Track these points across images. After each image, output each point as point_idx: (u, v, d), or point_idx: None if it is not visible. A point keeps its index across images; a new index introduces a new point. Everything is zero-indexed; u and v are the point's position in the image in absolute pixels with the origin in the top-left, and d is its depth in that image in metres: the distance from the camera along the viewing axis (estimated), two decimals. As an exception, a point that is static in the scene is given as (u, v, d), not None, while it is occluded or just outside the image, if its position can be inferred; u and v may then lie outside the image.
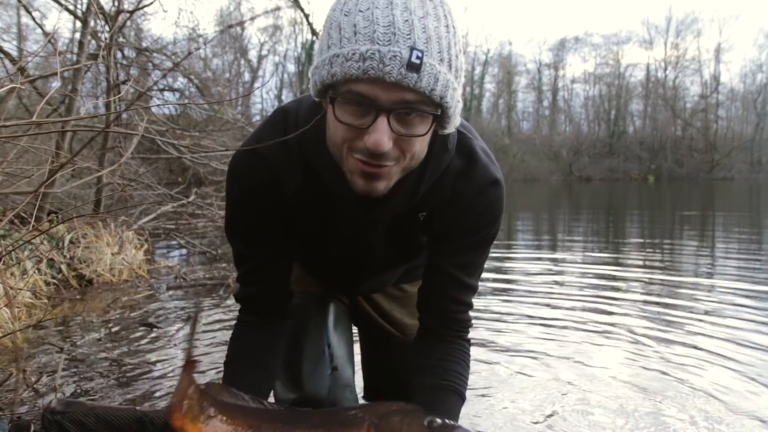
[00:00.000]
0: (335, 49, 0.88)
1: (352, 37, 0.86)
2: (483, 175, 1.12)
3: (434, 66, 0.86)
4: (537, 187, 28.92)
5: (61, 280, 3.61)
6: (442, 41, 0.88)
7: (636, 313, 3.10)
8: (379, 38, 0.84)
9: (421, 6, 0.87)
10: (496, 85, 47.70)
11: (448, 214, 1.14)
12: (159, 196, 5.06)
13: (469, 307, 1.23)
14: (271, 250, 1.17)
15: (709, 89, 46.98)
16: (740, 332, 2.70)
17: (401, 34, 0.84)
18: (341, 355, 1.39)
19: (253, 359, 1.19)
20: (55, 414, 1.28)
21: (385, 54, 0.84)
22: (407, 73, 0.84)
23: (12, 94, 2.01)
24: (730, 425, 1.70)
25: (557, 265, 4.84)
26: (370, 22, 0.85)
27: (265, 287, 1.20)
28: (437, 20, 0.88)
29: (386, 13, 0.85)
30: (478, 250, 1.19)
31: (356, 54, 0.85)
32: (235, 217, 1.16)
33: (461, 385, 1.18)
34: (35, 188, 1.68)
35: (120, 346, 2.51)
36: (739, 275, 4.22)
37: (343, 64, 0.86)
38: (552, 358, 2.32)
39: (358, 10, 0.87)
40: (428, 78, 0.86)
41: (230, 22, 17.31)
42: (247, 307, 1.23)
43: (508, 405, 1.86)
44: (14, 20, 9.99)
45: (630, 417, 1.76)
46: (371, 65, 0.84)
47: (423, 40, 0.85)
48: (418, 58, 0.84)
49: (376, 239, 1.21)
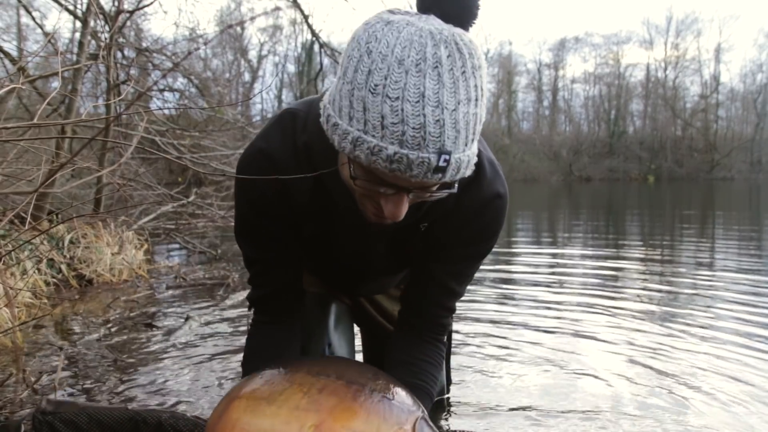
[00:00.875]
0: (358, 126, 0.83)
1: (379, 129, 0.81)
2: (487, 189, 1.11)
3: (459, 158, 0.84)
4: (537, 187, 28.92)
5: (61, 280, 3.61)
6: (470, 125, 0.84)
7: (635, 313, 3.10)
8: (408, 141, 0.80)
9: (453, 93, 0.81)
10: (496, 85, 47.69)
11: (449, 225, 1.13)
12: (159, 196, 5.06)
13: (452, 312, 1.25)
14: (280, 253, 1.17)
15: (709, 89, 47.01)
16: (740, 332, 2.70)
17: (431, 137, 0.80)
18: (342, 354, 1.41)
19: (269, 356, 1.19)
20: (46, 414, 1.28)
21: (413, 160, 0.82)
22: (433, 175, 0.83)
23: (12, 94, 2.01)
24: (730, 426, 1.70)
25: (557, 264, 4.84)
26: (400, 120, 0.80)
27: (277, 289, 1.21)
28: (468, 103, 0.83)
29: (417, 111, 0.79)
30: (473, 261, 1.20)
31: (383, 153, 0.82)
32: (244, 221, 1.15)
33: (433, 387, 1.21)
34: (35, 188, 1.68)
35: (120, 345, 2.51)
36: (739, 272, 4.22)
37: (368, 156, 0.83)
38: (551, 360, 2.32)
39: (386, 96, 0.80)
40: (452, 172, 0.85)
41: (230, 22, 17.31)
42: (260, 308, 1.24)
43: (505, 405, 1.86)
44: (14, 20, 9.99)
45: (629, 417, 1.76)
46: (398, 168, 0.82)
47: (452, 139, 0.82)
48: (446, 161, 0.82)
49: (377, 248, 1.21)
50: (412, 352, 1.21)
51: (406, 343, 1.23)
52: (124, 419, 1.31)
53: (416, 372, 1.19)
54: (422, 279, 1.22)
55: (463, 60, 0.82)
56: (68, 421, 1.28)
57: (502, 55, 47.41)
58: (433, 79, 0.80)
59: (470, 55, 0.83)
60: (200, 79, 8.79)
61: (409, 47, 0.80)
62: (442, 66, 0.80)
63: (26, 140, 2.56)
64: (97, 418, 1.30)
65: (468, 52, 0.83)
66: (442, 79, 0.80)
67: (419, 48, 0.80)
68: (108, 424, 1.30)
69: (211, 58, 24.22)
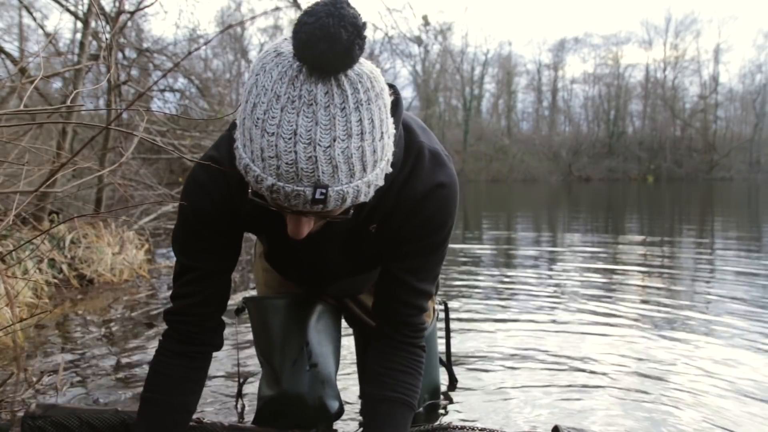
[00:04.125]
0: (248, 154, 0.87)
1: (260, 161, 0.85)
2: (426, 180, 1.10)
3: (341, 190, 0.86)
4: (536, 188, 28.92)
5: (62, 279, 3.62)
6: (353, 159, 0.85)
7: (636, 312, 3.11)
8: (282, 175, 0.84)
9: (329, 130, 0.82)
10: (496, 85, 47.68)
11: (395, 222, 1.14)
12: (160, 196, 5.07)
13: (421, 311, 1.23)
14: (216, 263, 1.18)
15: (708, 90, 46.98)
16: (740, 331, 2.71)
17: (304, 173, 0.83)
18: (322, 353, 1.40)
19: (172, 400, 1.18)
20: (36, 419, 1.27)
21: (289, 193, 0.85)
22: (312, 206, 0.86)
23: (13, 94, 2.02)
24: (729, 428, 1.71)
25: (557, 264, 4.85)
26: (275, 155, 0.83)
27: (202, 301, 1.18)
28: (347, 139, 0.84)
29: (289, 148, 0.82)
30: (428, 254, 1.18)
31: (264, 183, 0.85)
32: (186, 229, 1.16)
33: (411, 396, 1.20)
34: (36, 188, 1.69)
35: (121, 345, 2.52)
36: (739, 270, 4.24)
37: (255, 183, 0.87)
38: (550, 359, 2.33)
39: (264, 130, 0.83)
40: (335, 201, 0.87)
41: (230, 22, 17.30)
42: (177, 326, 1.20)
43: (503, 405, 1.86)
44: (15, 21, 9.98)
45: (629, 418, 1.77)
46: (278, 197, 0.87)
47: (328, 174, 0.84)
48: (322, 194, 0.85)
49: (331, 252, 1.23)
50: (386, 364, 1.21)
51: (380, 354, 1.23)
52: (115, 422, 1.30)
53: (391, 384, 1.19)
54: (386, 280, 1.22)
55: (343, 97, 0.83)
56: (58, 424, 1.27)
57: (502, 56, 47.41)
58: (306, 117, 0.82)
59: (354, 91, 0.84)
60: (201, 79, 8.79)
61: (288, 83, 0.82)
62: (317, 104, 0.82)
63: (27, 141, 2.56)
64: (88, 420, 1.29)
65: (351, 88, 0.84)
66: (316, 116, 0.82)
67: (297, 85, 0.82)
68: (99, 426, 1.29)
69: (212, 59, 24.15)
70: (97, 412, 1.33)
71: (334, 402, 1.37)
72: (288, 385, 1.33)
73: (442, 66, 44.51)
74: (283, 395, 1.33)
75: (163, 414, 1.17)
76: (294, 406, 1.33)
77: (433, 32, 40.39)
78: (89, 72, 5.27)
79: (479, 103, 45.97)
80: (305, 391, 1.33)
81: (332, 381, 1.39)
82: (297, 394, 1.33)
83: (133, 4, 5.05)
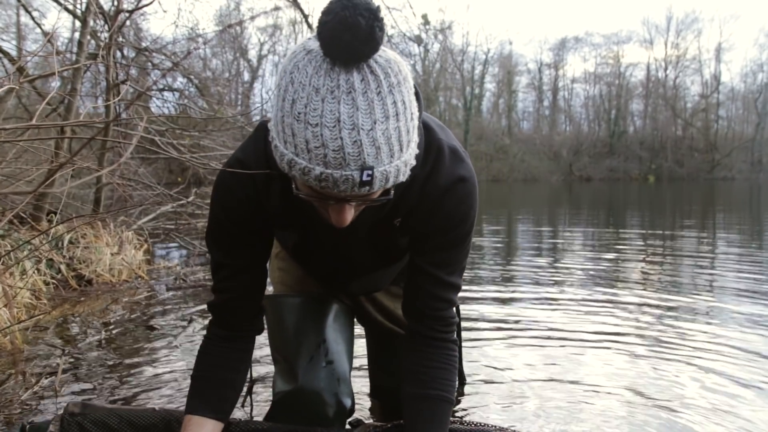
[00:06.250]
0: (291, 149, 0.91)
1: (305, 152, 0.90)
2: (448, 174, 1.15)
3: (385, 170, 0.91)
4: (537, 187, 28.92)
5: (61, 280, 3.60)
6: (392, 139, 0.91)
7: (636, 313, 3.10)
8: (330, 162, 0.88)
9: (369, 114, 0.88)
10: (497, 84, 47.71)
11: (419, 216, 1.18)
12: (158, 196, 5.05)
13: (451, 304, 1.26)
14: (249, 259, 1.24)
15: (710, 89, 47.00)
16: (740, 332, 2.70)
17: (351, 157, 0.88)
18: (338, 350, 1.42)
19: (220, 376, 1.24)
20: (75, 416, 1.28)
21: (338, 179, 0.89)
22: (360, 189, 0.91)
23: (11, 94, 2.00)
24: (728, 428, 1.69)
25: (557, 263, 4.84)
26: (321, 144, 0.88)
27: (241, 294, 1.25)
28: (386, 120, 0.90)
29: (334, 135, 0.87)
30: (453, 248, 1.21)
31: (312, 173, 0.90)
32: (217, 228, 1.21)
33: (449, 390, 1.23)
34: (35, 188, 1.67)
35: (120, 346, 2.51)
36: (739, 270, 4.22)
37: (302, 176, 0.91)
38: (550, 360, 2.32)
39: (307, 122, 0.88)
40: (380, 183, 0.92)
41: (229, 21, 17.31)
42: (220, 317, 1.28)
43: (501, 407, 1.85)
44: (13, 20, 9.99)
45: (629, 418, 1.75)
46: (326, 185, 0.90)
47: (373, 155, 0.89)
48: (369, 175, 0.90)
49: (357, 247, 1.27)
50: (422, 361, 1.24)
51: (413, 352, 1.26)
52: (155, 420, 1.31)
53: (426, 381, 1.22)
54: (415, 276, 1.25)
55: (377, 82, 0.89)
56: (99, 422, 1.29)
57: (503, 55, 47.42)
58: (347, 104, 0.87)
59: (386, 75, 0.90)
60: (200, 78, 8.78)
61: (324, 76, 0.88)
62: (355, 91, 0.88)
63: (25, 140, 2.55)
64: (128, 418, 1.30)
65: (383, 72, 0.90)
66: (356, 102, 0.88)
67: (334, 76, 0.88)
68: (140, 424, 1.30)
69: (211, 58, 24.24)
70: (135, 411, 1.33)
71: (348, 399, 1.39)
72: (305, 381, 1.35)
73: (443, 65, 44.53)
74: (300, 390, 1.34)
75: (212, 389, 1.23)
76: (310, 401, 1.35)
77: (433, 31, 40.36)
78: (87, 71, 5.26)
79: (480, 102, 46.02)
80: (322, 386, 1.35)
81: (347, 378, 1.41)
82: (313, 389, 1.34)
83: (131, 3, 5.02)
